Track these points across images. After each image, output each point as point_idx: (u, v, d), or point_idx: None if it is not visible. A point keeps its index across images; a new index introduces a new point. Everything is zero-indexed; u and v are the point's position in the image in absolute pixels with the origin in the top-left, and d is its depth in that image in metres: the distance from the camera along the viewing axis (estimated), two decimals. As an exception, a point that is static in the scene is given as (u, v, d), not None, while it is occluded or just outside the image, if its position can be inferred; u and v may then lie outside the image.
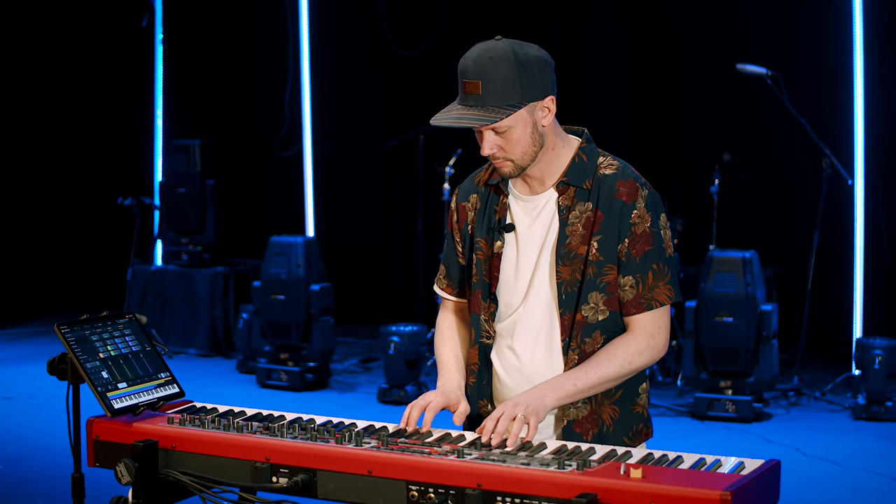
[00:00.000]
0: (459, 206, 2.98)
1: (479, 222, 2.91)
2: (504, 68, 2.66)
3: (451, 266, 3.02)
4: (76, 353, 2.75)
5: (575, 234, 2.77)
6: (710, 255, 6.90)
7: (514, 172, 2.77)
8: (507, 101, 2.67)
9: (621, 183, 2.77)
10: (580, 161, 2.81)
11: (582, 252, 2.76)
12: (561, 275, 2.77)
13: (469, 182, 2.99)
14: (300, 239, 7.72)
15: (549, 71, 2.73)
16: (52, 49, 10.61)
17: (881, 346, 6.65)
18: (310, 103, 9.30)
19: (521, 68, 2.67)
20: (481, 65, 2.67)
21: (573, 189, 2.79)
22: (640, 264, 2.76)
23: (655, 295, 2.77)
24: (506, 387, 2.87)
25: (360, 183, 9.80)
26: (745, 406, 6.61)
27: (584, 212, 2.77)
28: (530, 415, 2.60)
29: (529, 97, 2.68)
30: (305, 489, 2.55)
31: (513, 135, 2.71)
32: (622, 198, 2.76)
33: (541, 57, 2.72)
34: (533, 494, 2.32)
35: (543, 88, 2.71)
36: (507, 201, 2.87)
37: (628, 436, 2.82)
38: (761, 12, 8.37)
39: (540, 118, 2.73)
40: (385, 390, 7.18)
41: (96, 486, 3.01)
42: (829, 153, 7.28)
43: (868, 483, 5.58)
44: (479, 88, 2.67)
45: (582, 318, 2.76)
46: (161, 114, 9.76)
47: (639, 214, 2.75)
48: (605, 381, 2.73)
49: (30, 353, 8.78)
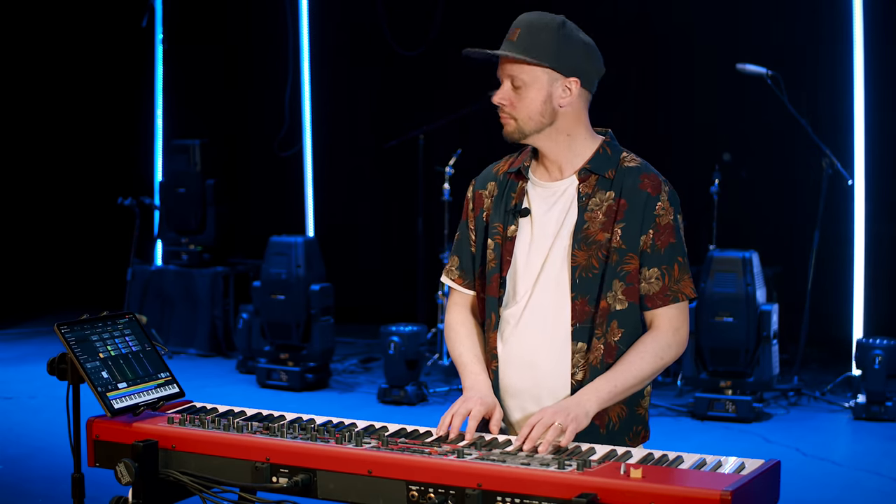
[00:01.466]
0: (476, 195, 2.98)
1: (497, 207, 2.91)
2: (546, 29, 2.76)
3: (464, 256, 3.00)
4: (76, 353, 2.75)
5: (594, 221, 2.78)
6: (710, 255, 6.90)
7: (514, 133, 2.82)
8: (534, 55, 2.74)
9: (645, 176, 2.81)
10: (604, 153, 2.85)
11: (601, 238, 2.76)
12: (577, 259, 2.77)
13: (487, 171, 3.01)
14: (300, 239, 7.72)
15: (588, 59, 2.80)
16: (53, 49, 10.61)
17: (881, 346, 6.65)
18: (310, 103, 9.30)
19: (562, 38, 2.76)
20: (529, 18, 2.79)
21: (595, 177, 2.81)
22: (665, 256, 2.77)
23: (682, 288, 2.78)
24: (507, 373, 2.84)
25: (360, 183, 9.80)
26: (745, 406, 6.61)
27: (605, 200, 2.79)
28: (568, 423, 2.59)
29: (556, 64, 2.75)
30: (305, 489, 2.55)
31: (526, 93, 2.78)
32: (647, 189, 2.79)
33: (588, 43, 2.81)
34: (533, 494, 2.32)
35: (573, 67, 2.78)
36: (526, 187, 2.88)
37: (629, 436, 2.82)
38: (761, 12, 8.37)
39: (558, 94, 2.78)
40: (385, 390, 7.18)
41: (96, 486, 3.01)
42: (829, 153, 7.28)
43: (868, 483, 5.58)
44: (516, 36, 2.78)
45: (606, 306, 2.76)
46: (161, 114, 9.76)
47: (663, 206, 2.78)
48: (641, 380, 2.74)
49: (30, 353, 8.78)
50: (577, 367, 2.77)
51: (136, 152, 10.20)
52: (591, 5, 8.74)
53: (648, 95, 8.80)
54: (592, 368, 2.76)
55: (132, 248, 8.87)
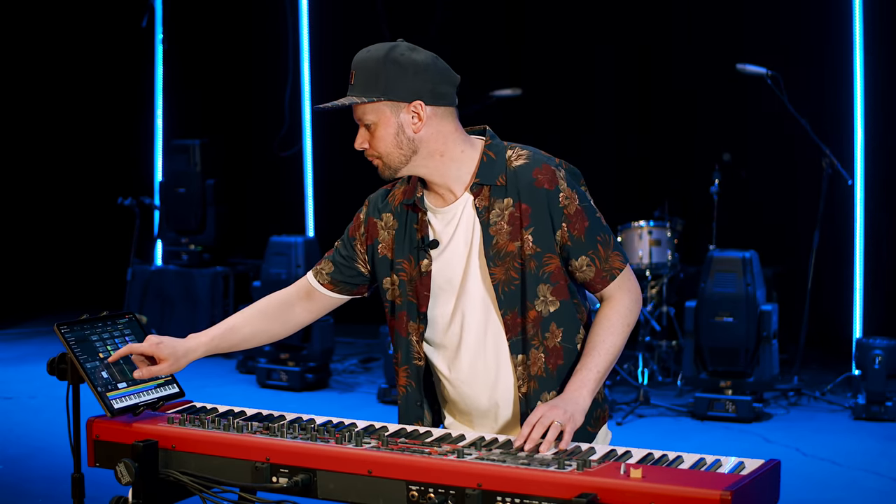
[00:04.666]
0: (370, 221, 2.95)
1: (400, 243, 2.87)
2: (373, 62, 2.71)
3: (345, 269, 2.97)
4: (76, 353, 2.75)
5: (501, 233, 2.75)
6: (710, 255, 6.90)
7: (384, 171, 2.78)
8: (369, 93, 2.71)
9: (537, 171, 2.75)
10: (488, 159, 2.78)
11: (512, 249, 2.75)
12: (495, 276, 2.76)
13: (382, 199, 2.95)
14: (300, 239, 7.73)
15: (425, 77, 2.71)
16: (53, 49, 10.61)
17: (881, 346, 6.65)
18: (310, 103, 9.30)
19: (390, 65, 2.69)
20: (360, 57, 2.75)
21: (487, 188, 2.77)
22: (587, 242, 2.76)
23: (612, 264, 2.79)
24: (458, 399, 2.87)
25: (360, 183, 9.76)
26: (745, 406, 6.61)
27: (505, 208, 2.76)
28: (567, 421, 2.58)
29: (391, 95, 2.69)
30: (305, 489, 2.55)
31: (378, 131, 2.73)
32: (544, 185, 2.74)
33: (423, 62, 2.71)
34: (533, 494, 2.32)
35: (411, 92, 2.70)
36: (427, 218, 2.84)
37: (590, 423, 2.82)
38: (761, 12, 8.37)
39: (407, 122, 2.72)
40: (385, 390, 7.17)
41: (96, 486, 3.01)
42: (829, 153, 7.28)
43: (868, 483, 5.58)
44: (353, 78, 2.74)
45: (537, 314, 2.76)
46: (161, 114, 9.76)
47: (566, 196, 2.74)
48: (616, 353, 2.76)
49: (30, 353, 8.78)
50: (521, 379, 2.79)
51: (136, 152, 10.20)
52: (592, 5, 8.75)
53: (649, 95, 8.80)
54: (539, 378, 2.78)
55: (132, 248, 8.87)
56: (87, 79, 10.67)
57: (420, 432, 2.71)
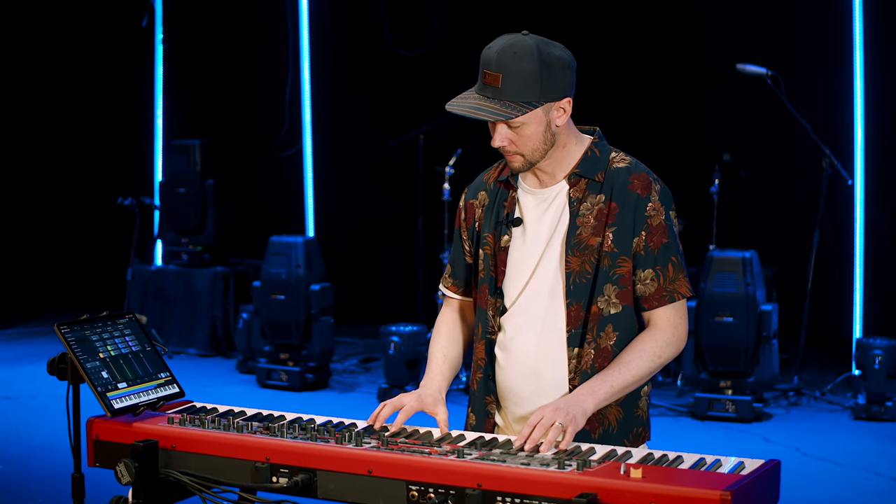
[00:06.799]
0: (468, 204, 2.98)
1: (487, 218, 2.91)
2: (526, 65, 2.67)
3: (458, 265, 3.02)
4: (76, 353, 2.75)
5: (586, 226, 2.77)
6: (710, 255, 6.90)
7: (523, 167, 2.78)
8: (525, 99, 2.68)
9: (635, 176, 2.79)
10: (592, 155, 2.83)
11: (593, 243, 2.76)
12: (570, 265, 2.77)
13: (478, 180, 3.00)
14: (300, 239, 7.72)
15: (570, 73, 2.75)
16: (53, 49, 10.61)
17: (881, 346, 6.65)
18: (310, 103, 9.30)
19: (544, 68, 2.68)
20: (504, 58, 2.68)
21: (585, 181, 2.80)
22: (659, 256, 2.76)
23: (677, 287, 2.78)
24: (507, 380, 2.86)
25: (360, 183, 9.80)
26: (745, 406, 6.61)
27: (595, 204, 2.78)
28: (568, 423, 2.58)
29: (548, 97, 2.70)
30: (305, 489, 2.55)
31: (525, 131, 2.72)
32: (637, 190, 2.77)
33: (564, 57, 2.74)
34: (533, 494, 2.32)
35: (562, 89, 2.73)
36: (517, 195, 2.87)
37: (629, 438, 2.82)
38: (761, 12, 8.37)
39: (555, 118, 2.75)
40: (385, 390, 7.18)
41: (96, 486, 3.01)
42: (829, 153, 7.28)
43: (868, 483, 5.58)
44: (498, 82, 2.68)
45: (598, 311, 2.76)
46: (161, 114, 9.75)
47: (654, 207, 2.77)
48: (638, 378, 2.73)
49: (30, 353, 8.78)
50: (574, 372, 2.78)
51: (136, 152, 10.19)
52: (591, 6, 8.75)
53: (648, 95, 8.79)
54: (583, 373, 2.77)
55: (132, 248, 8.86)
56: (88, 79, 10.66)
57: (420, 432, 2.71)
